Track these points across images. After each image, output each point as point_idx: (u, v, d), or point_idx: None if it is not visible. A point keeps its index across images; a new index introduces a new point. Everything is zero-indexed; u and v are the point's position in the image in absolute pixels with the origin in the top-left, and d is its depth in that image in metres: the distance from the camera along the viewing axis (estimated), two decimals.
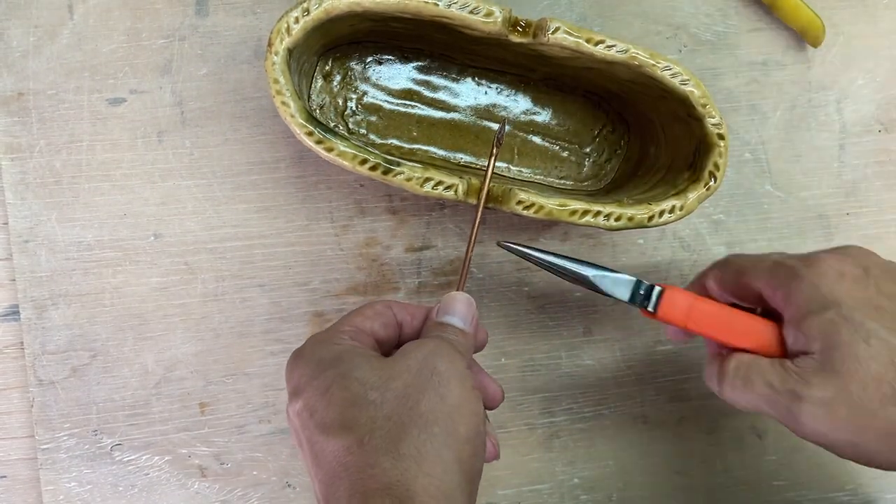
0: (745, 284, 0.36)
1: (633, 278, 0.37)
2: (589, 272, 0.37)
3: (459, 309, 0.36)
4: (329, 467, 0.31)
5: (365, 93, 0.43)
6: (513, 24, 0.38)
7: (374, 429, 0.30)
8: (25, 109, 0.42)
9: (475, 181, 0.39)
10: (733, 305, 0.37)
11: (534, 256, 0.37)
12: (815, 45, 0.45)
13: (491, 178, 0.38)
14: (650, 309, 0.37)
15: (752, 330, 0.35)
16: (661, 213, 0.39)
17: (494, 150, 0.37)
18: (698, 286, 0.38)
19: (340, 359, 0.33)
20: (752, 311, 0.36)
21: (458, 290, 0.37)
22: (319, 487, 0.32)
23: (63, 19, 0.42)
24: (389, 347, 0.36)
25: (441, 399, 0.31)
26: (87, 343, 0.43)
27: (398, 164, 0.38)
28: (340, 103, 0.43)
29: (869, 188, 0.47)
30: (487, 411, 0.36)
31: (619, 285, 0.37)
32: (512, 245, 0.38)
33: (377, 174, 0.38)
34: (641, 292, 0.37)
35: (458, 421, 0.31)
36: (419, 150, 0.43)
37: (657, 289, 0.37)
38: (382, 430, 0.30)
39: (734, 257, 0.38)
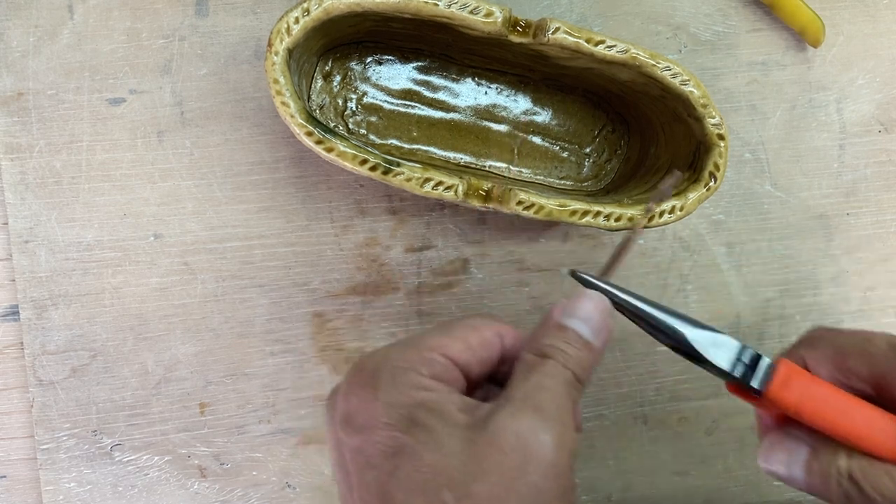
0: (854, 369, 0.30)
1: (737, 342, 0.30)
2: (683, 327, 0.29)
3: (591, 311, 0.29)
4: None
5: (365, 93, 0.43)
6: (513, 24, 0.38)
7: None
8: (25, 109, 0.42)
9: (475, 181, 0.39)
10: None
11: (612, 294, 0.31)
12: (815, 45, 0.45)
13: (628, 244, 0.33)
14: (755, 385, 0.29)
15: (876, 425, 0.29)
16: (661, 214, 0.39)
17: (652, 206, 0.33)
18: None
19: (415, 419, 0.26)
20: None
21: (604, 275, 0.30)
22: None
23: (63, 19, 0.42)
24: (480, 378, 0.30)
25: None
26: (87, 343, 0.43)
27: (398, 165, 0.38)
28: (340, 103, 0.43)
29: (869, 188, 0.47)
30: None
31: (719, 348, 0.29)
32: (587, 277, 0.31)
33: (377, 174, 0.38)
34: (745, 361, 0.30)
35: None
36: (419, 150, 0.43)
37: (765, 360, 0.30)
38: None
39: (827, 333, 0.32)
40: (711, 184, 0.39)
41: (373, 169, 0.38)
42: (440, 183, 0.38)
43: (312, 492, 0.45)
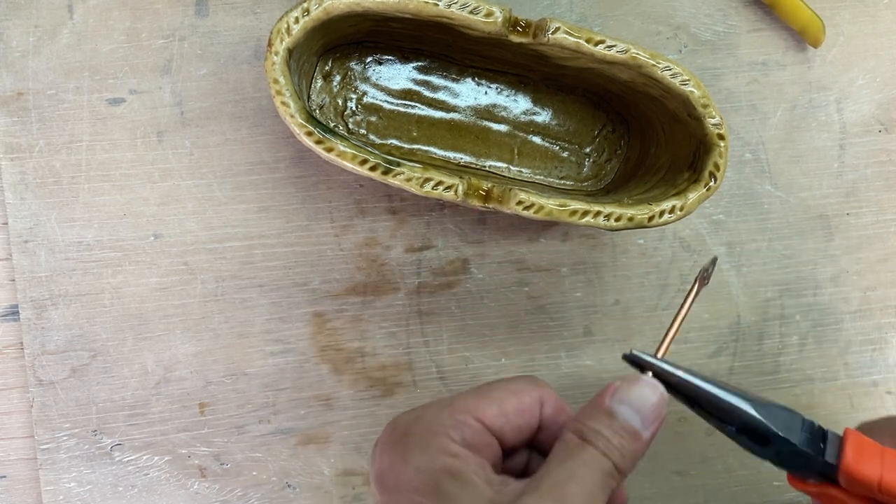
0: None
1: (800, 414, 0.28)
2: (747, 407, 0.27)
3: (644, 400, 0.27)
4: None
5: (365, 93, 0.43)
6: (513, 24, 0.38)
7: None
8: (25, 109, 0.42)
9: (475, 181, 0.39)
10: None
11: (669, 374, 0.28)
12: (816, 45, 0.45)
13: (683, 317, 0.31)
14: (830, 460, 0.27)
15: None
16: (662, 214, 0.39)
17: (695, 287, 0.32)
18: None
19: (441, 486, 0.26)
20: None
21: (657, 353, 0.29)
22: None
23: (63, 19, 0.42)
24: (516, 445, 0.29)
25: None
26: (87, 343, 0.43)
27: (398, 164, 0.38)
28: (340, 103, 0.43)
29: (869, 188, 0.47)
30: None
31: (790, 423, 0.27)
32: (645, 358, 0.29)
33: (377, 174, 0.38)
34: (808, 435, 0.27)
35: None
36: (419, 150, 0.43)
37: (832, 433, 0.28)
38: None
39: (876, 422, 0.30)
40: (711, 184, 0.39)
41: (373, 169, 0.38)
42: (440, 183, 0.38)
43: (312, 492, 0.45)
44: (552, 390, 0.30)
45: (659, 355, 0.30)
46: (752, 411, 0.27)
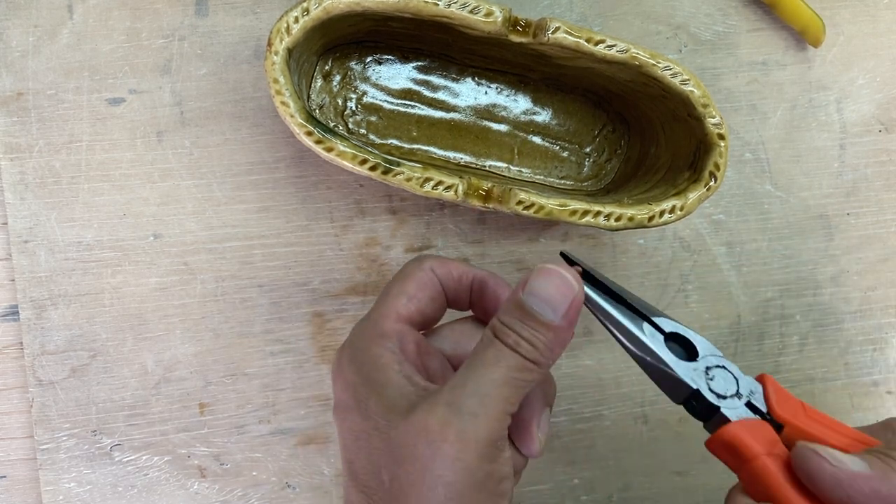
0: None
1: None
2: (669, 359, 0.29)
3: (552, 290, 0.28)
4: (346, 500, 0.30)
5: (365, 93, 0.43)
6: (513, 23, 0.38)
7: None
8: (25, 109, 0.42)
9: (475, 181, 0.38)
10: None
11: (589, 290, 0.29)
12: (816, 44, 0.45)
13: None
14: (760, 405, 0.29)
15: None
16: (662, 213, 0.39)
17: None
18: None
19: (369, 405, 0.28)
20: None
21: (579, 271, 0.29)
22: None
23: (63, 19, 0.42)
24: (438, 318, 0.32)
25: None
26: (87, 343, 0.43)
27: (398, 164, 0.38)
28: (340, 103, 0.43)
29: (869, 188, 0.47)
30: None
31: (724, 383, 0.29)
32: (576, 259, 0.30)
33: (377, 174, 0.38)
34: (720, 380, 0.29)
35: None
36: (419, 150, 0.43)
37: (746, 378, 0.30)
38: None
39: None
40: (712, 184, 0.39)
41: (373, 169, 0.37)
42: (440, 183, 0.38)
43: (312, 492, 0.45)
44: (434, 256, 0.32)
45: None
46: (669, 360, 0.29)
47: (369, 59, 0.43)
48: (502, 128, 0.44)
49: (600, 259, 0.45)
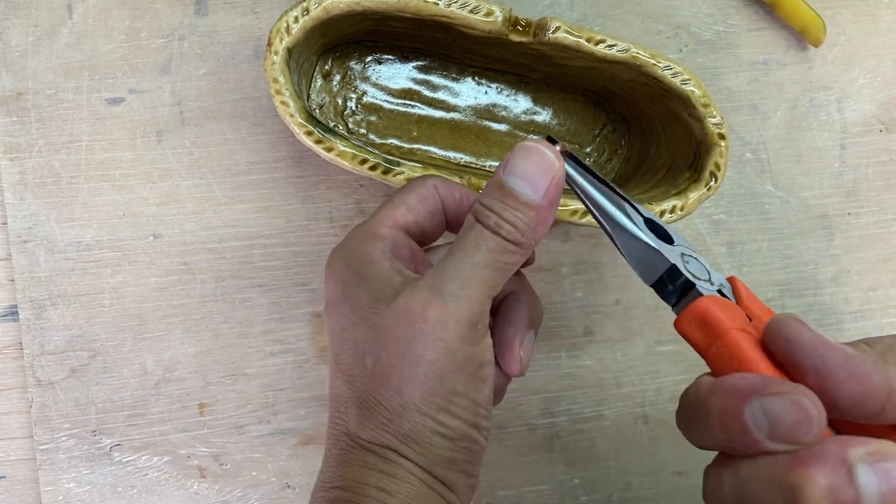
0: None
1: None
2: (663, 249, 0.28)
3: (531, 168, 0.28)
4: (337, 397, 0.30)
5: (365, 92, 0.43)
6: (513, 23, 0.38)
7: (365, 398, 0.29)
8: (24, 109, 0.42)
9: (475, 181, 0.38)
10: None
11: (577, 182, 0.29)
12: (816, 44, 0.45)
13: None
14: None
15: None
16: (662, 213, 0.39)
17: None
18: None
19: (357, 297, 0.29)
20: None
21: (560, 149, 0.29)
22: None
23: (62, 19, 0.42)
24: (436, 235, 0.33)
25: (429, 394, 0.28)
26: (86, 343, 0.43)
27: (398, 164, 0.38)
28: (340, 103, 0.43)
29: (870, 188, 0.47)
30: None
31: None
32: (565, 144, 0.29)
33: (377, 174, 0.38)
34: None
35: (450, 415, 0.28)
36: (419, 149, 0.43)
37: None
38: (370, 403, 0.28)
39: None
40: (712, 183, 0.39)
41: (373, 168, 0.37)
42: None
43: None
44: (442, 178, 0.33)
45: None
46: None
47: (369, 58, 0.43)
48: (502, 127, 0.44)
49: (600, 259, 0.45)
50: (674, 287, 0.28)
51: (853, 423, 0.26)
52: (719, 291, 0.28)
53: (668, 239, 0.29)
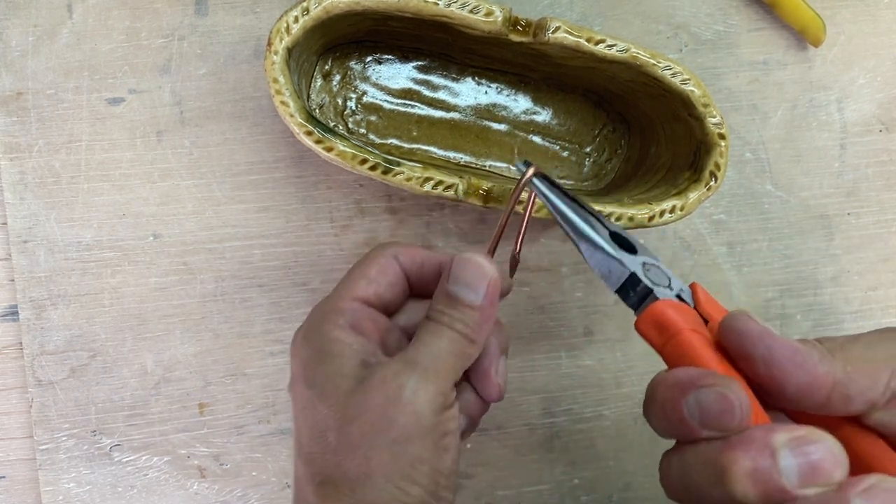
0: None
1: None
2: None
3: (469, 276, 0.31)
4: (297, 479, 0.32)
5: (364, 92, 0.43)
6: (513, 23, 0.38)
7: (325, 474, 0.30)
8: (24, 109, 0.42)
9: (475, 181, 0.38)
10: None
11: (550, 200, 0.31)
12: (816, 44, 0.45)
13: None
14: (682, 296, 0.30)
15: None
16: (662, 213, 0.39)
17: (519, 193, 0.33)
18: None
19: (317, 375, 0.30)
20: None
21: (489, 251, 0.32)
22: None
23: (62, 19, 0.42)
24: (399, 303, 0.34)
25: (394, 460, 0.29)
26: (86, 343, 0.43)
27: (398, 164, 0.38)
28: (340, 103, 0.43)
29: (870, 188, 0.47)
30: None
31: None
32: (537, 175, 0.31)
33: (377, 174, 0.38)
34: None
35: (413, 482, 0.29)
36: (419, 149, 0.43)
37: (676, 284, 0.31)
38: (331, 478, 0.29)
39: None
40: (712, 183, 0.39)
41: (373, 168, 0.37)
42: (440, 182, 0.38)
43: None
44: (398, 243, 0.34)
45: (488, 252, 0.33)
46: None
47: (369, 58, 0.43)
48: (502, 127, 0.44)
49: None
50: (634, 293, 0.30)
51: (808, 415, 0.28)
52: (678, 297, 0.31)
53: (631, 249, 0.32)
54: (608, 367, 0.46)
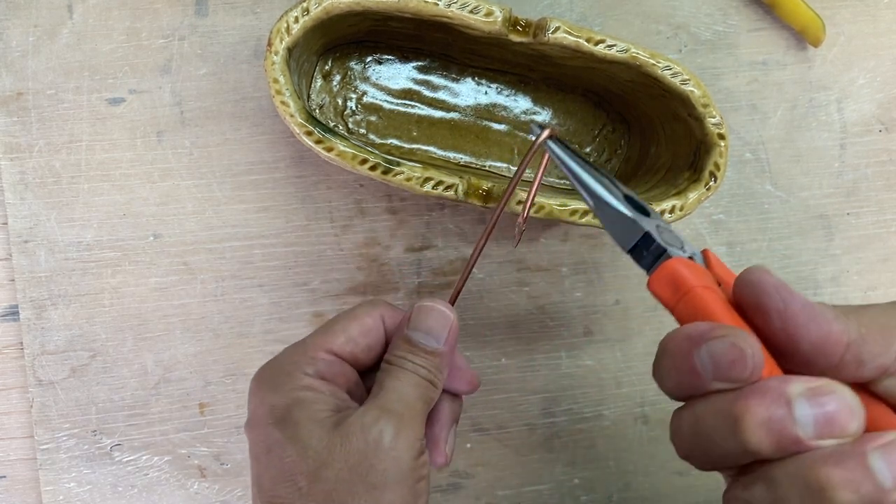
0: None
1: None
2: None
3: (431, 323, 0.32)
4: None
5: (365, 92, 0.43)
6: (513, 23, 0.38)
7: None
8: (25, 109, 0.42)
9: (475, 181, 0.38)
10: None
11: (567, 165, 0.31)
12: (816, 44, 0.45)
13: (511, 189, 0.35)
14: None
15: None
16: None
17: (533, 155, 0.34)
18: None
19: (287, 418, 0.30)
20: None
21: (450, 300, 0.34)
22: None
23: (62, 19, 0.42)
24: (371, 364, 0.34)
25: (373, 502, 0.29)
26: (87, 343, 0.43)
27: (398, 164, 0.38)
28: (340, 103, 0.43)
29: (870, 188, 0.47)
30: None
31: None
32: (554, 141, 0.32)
33: (377, 174, 0.38)
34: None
35: None
36: (419, 149, 0.43)
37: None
38: None
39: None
40: (712, 183, 0.39)
41: (373, 168, 0.37)
42: (440, 182, 0.38)
43: None
44: (391, 306, 0.34)
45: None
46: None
47: (369, 58, 0.43)
48: (502, 128, 0.44)
49: (600, 259, 0.45)
50: (647, 252, 0.30)
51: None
52: (690, 258, 0.31)
53: (644, 213, 0.32)
54: (608, 367, 0.46)
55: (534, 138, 0.33)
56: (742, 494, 0.25)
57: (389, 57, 0.43)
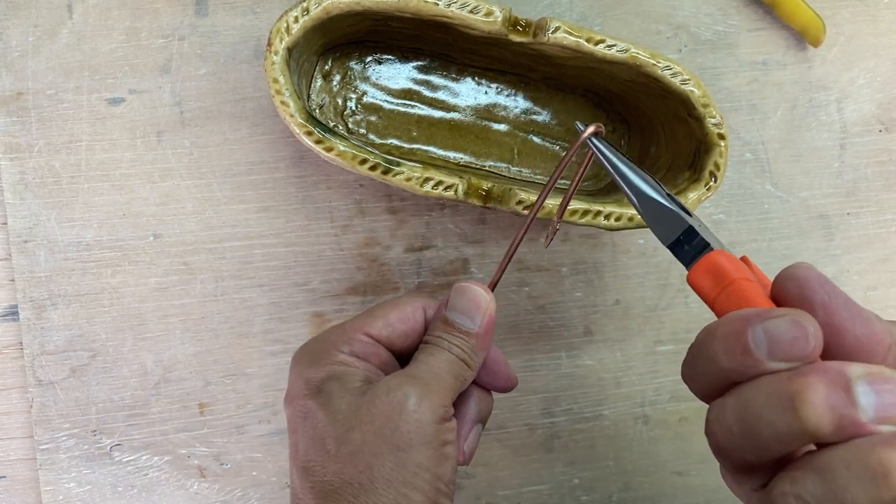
0: None
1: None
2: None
3: (466, 303, 0.33)
4: (294, 490, 0.32)
5: (364, 92, 0.43)
6: (513, 23, 0.38)
7: (325, 482, 0.30)
8: (24, 109, 0.42)
9: (475, 181, 0.38)
10: None
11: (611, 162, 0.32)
12: (816, 44, 0.45)
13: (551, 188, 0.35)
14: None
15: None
16: None
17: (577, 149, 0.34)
18: None
19: (322, 389, 0.32)
20: None
21: (489, 286, 0.35)
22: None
23: (62, 19, 0.42)
24: (407, 351, 0.35)
25: (397, 466, 0.30)
26: (87, 343, 0.43)
27: (398, 164, 0.38)
28: (340, 103, 0.43)
29: (870, 188, 0.47)
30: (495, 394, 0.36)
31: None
32: (598, 139, 0.33)
33: (377, 174, 0.38)
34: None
35: (415, 488, 0.30)
36: (419, 149, 0.43)
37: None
38: (332, 485, 0.30)
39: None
40: (712, 183, 0.39)
41: (373, 168, 0.37)
42: (440, 182, 0.38)
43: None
44: (433, 298, 0.36)
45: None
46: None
47: (369, 58, 0.43)
48: (502, 128, 0.44)
49: (600, 259, 0.45)
50: (689, 247, 0.31)
51: None
52: None
53: (685, 212, 0.32)
54: (608, 367, 0.46)
55: (581, 132, 0.34)
56: (793, 489, 0.24)
57: (389, 57, 0.43)
